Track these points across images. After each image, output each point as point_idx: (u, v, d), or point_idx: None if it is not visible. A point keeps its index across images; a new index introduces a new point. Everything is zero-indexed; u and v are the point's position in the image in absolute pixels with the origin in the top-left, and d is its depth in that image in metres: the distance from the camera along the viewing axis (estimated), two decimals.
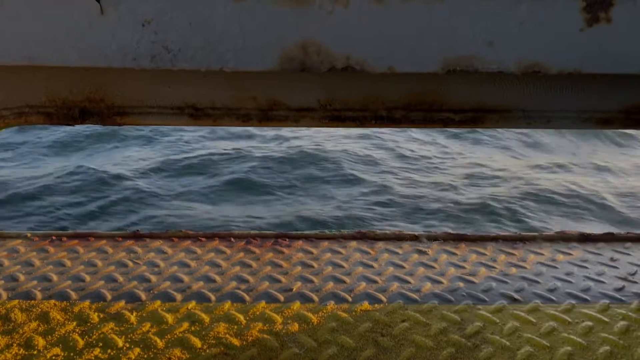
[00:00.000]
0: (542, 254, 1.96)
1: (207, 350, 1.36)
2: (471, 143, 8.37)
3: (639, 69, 0.97)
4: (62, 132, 7.83)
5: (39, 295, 1.61)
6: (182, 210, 5.59)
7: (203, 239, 2.03)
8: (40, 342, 1.38)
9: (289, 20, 0.94)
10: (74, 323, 1.47)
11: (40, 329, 1.44)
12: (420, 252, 1.96)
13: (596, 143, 8.48)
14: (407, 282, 1.74)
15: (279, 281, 1.73)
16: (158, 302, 1.58)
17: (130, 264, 1.83)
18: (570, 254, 1.96)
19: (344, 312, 1.54)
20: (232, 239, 2.03)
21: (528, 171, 7.09)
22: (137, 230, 2.09)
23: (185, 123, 1.16)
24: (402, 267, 1.84)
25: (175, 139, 7.91)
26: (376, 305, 1.59)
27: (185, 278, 1.74)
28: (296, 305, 1.58)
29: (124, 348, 1.36)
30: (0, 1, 0.93)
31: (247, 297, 1.62)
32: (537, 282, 1.75)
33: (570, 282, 1.76)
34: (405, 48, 0.95)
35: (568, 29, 0.95)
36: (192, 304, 1.57)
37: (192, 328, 1.46)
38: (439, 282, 1.74)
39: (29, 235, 2.03)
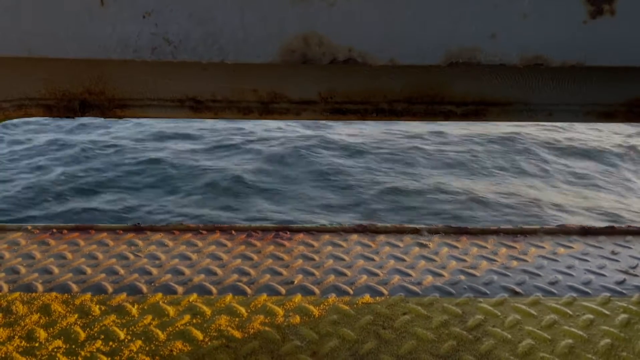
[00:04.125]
0: (543, 247, 1.96)
1: (209, 343, 1.36)
2: None
3: None
4: None
5: (40, 287, 1.61)
6: None
7: (204, 232, 2.03)
8: (42, 334, 1.38)
9: (290, 12, 0.93)
10: (76, 315, 1.47)
11: (41, 321, 1.44)
12: (421, 245, 1.96)
13: None
14: (409, 275, 1.74)
15: (280, 274, 1.73)
16: (159, 295, 1.58)
17: (131, 256, 1.83)
18: (571, 247, 1.96)
19: (345, 305, 1.54)
20: (233, 232, 2.03)
21: None
22: (138, 223, 2.09)
23: (186, 116, 1.16)
24: (404, 260, 1.84)
25: None
26: (377, 298, 1.59)
27: (187, 271, 1.74)
28: (297, 297, 1.58)
29: (126, 340, 1.37)
30: None
31: (248, 290, 1.62)
32: (538, 275, 1.75)
33: (571, 275, 1.76)
34: (407, 40, 0.95)
35: (571, 21, 0.94)
36: (193, 297, 1.58)
37: (194, 320, 1.46)
38: (440, 275, 1.74)
39: (29, 227, 2.03)
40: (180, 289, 1.62)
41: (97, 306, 1.52)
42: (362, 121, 1.61)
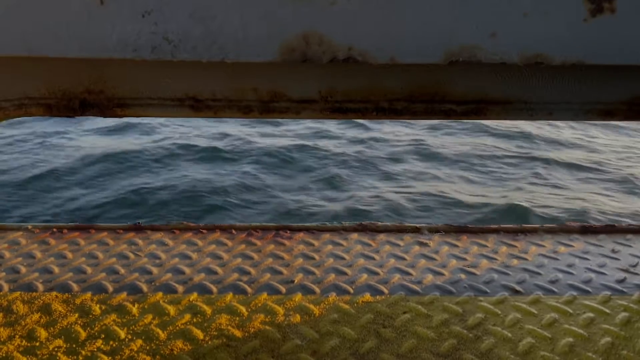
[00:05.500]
0: (543, 246, 1.96)
1: (209, 342, 1.36)
2: None
3: None
4: None
5: (40, 287, 1.61)
6: None
7: (204, 231, 2.03)
8: (43, 333, 1.38)
9: (290, 11, 0.93)
10: (76, 315, 1.47)
11: (42, 320, 1.44)
12: (421, 244, 1.96)
13: None
14: (409, 273, 1.74)
15: (281, 273, 1.73)
16: (160, 294, 1.58)
17: (132, 255, 1.83)
18: (571, 246, 1.96)
19: (346, 304, 1.55)
20: (234, 231, 2.03)
21: None
22: (138, 223, 2.09)
23: (186, 115, 1.15)
24: (404, 258, 1.84)
25: None
26: (378, 296, 1.59)
27: (187, 270, 1.74)
28: (298, 296, 1.58)
29: (126, 340, 1.37)
30: None
31: (248, 289, 1.62)
32: (539, 273, 1.75)
33: (571, 273, 1.76)
34: (407, 39, 0.95)
35: (571, 19, 0.94)
36: (193, 296, 1.58)
37: (194, 320, 1.46)
38: (441, 274, 1.74)
39: (29, 227, 2.03)
40: (180, 288, 1.62)
41: (98, 305, 1.52)
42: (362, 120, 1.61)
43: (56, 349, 1.32)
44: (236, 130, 8.64)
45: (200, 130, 8.52)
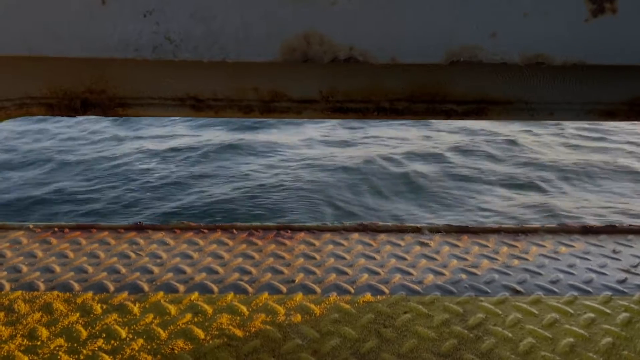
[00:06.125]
0: (544, 246, 1.96)
1: (210, 342, 1.37)
2: None
3: None
4: None
5: (42, 286, 1.62)
6: None
7: (205, 231, 2.03)
8: (44, 333, 1.38)
9: (291, 11, 0.93)
10: (77, 314, 1.47)
11: (43, 319, 1.44)
12: (422, 244, 1.96)
13: None
14: (410, 273, 1.74)
15: (282, 273, 1.73)
16: (161, 294, 1.59)
17: (133, 255, 1.83)
18: (572, 246, 1.96)
19: (347, 304, 1.55)
20: (235, 231, 2.03)
21: None
22: (140, 222, 2.09)
23: (187, 114, 1.16)
24: (405, 259, 1.84)
25: None
26: (379, 296, 1.59)
27: (188, 269, 1.74)
28: (299, 296, 1.58)
29: (128, 339, 1.37)
30: None
31: (249, 289, 1.62)
32: (540, 274, 1.75)
33: (572, 274, 1.76)
34: (408, 39, 0.95)
35: (572, 19, 0.94)
36: (194, 295, 1.58)
37: (195, 319, 1.46)
38: (441, 274, 1.74)
39: (31, 226, 2.03)
40: (181, 288, 1.62)
41: (99, 305, 1.52)
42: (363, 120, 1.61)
43: (57, 348, 1.33)
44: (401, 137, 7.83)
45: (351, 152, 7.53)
